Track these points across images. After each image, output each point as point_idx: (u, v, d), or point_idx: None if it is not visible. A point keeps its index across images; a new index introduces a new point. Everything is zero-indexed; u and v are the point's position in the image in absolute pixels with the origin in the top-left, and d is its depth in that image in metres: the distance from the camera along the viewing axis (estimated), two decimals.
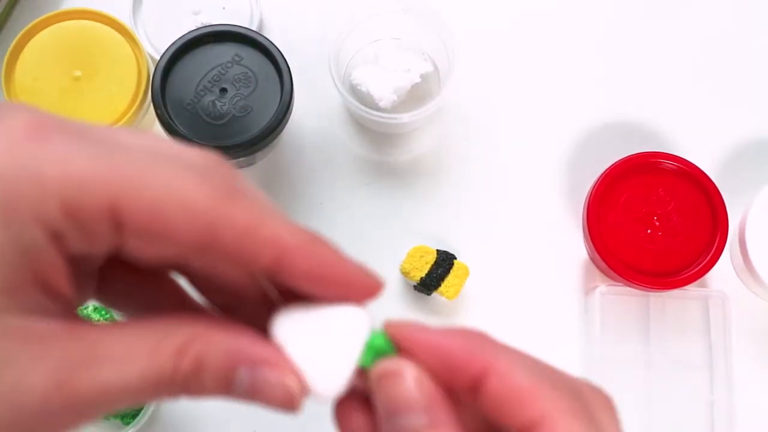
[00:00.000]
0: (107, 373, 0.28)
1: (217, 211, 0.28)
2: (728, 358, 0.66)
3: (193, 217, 0.28)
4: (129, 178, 0.27)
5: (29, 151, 0.27)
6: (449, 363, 0.31)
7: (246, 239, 0.28)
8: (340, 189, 0.70)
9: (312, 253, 0.30)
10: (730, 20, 0.75)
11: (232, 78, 0.64)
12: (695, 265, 0.64)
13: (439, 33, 0.68)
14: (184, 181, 0.28)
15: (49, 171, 0.27)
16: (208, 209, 0.28)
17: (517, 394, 0.30)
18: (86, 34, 0.65)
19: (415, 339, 0.31)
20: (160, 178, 0.28)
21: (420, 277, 0.65)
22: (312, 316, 0.31)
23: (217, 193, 0.28)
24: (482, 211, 0.70)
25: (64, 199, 0.27)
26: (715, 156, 0.72)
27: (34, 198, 0.27)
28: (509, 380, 0.30)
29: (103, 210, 0.27)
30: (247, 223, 0.28)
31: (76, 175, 0.27)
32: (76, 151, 0.27)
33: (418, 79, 0.70)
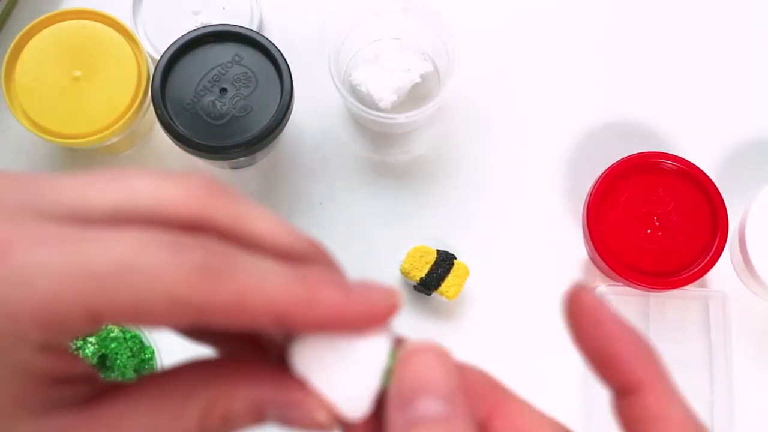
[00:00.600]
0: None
1: (199, 298, 0.26)
2: (728, 358, 0.66)
3: (176, 308, 0.26)
4: (99, 283, 0.26)
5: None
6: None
7: (237, 313, 0.27)
8: (340, 189, 0.70)
9: (312, 306, 0.28)
10: (730, 20, 0.75)
11: (232, 78, 0.64)
12: (695, 265, 0.64)
13: (439, 33, 0.68)
14: (159, 270, 0.26)
15: (16, 297, 0.25)
16: (189, 297, 0.26)
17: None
18: (86, 34, 0.65)
19: None
20: (132, 274, 0.26)
21: (420, 277, 0.65)
22: (329, 343, 0.31)
23: (194, 276, 0.26)
24: (482, 211, 0.70)
25: (38, 322, 0.26)
26: (715, 156, 0.72)
27: (8, 327, 0.26)
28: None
29: (81, 318, 0.26)
30: (233, 299, 0.27)
31: (42, 295, 0.25)
32: (38, 264, 0.26)
33: (418, 79, 0.69)
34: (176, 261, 0.26)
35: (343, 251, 0.69)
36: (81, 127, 0.63)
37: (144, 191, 0.28)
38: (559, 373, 0.67)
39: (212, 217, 0.29)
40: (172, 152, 0.68)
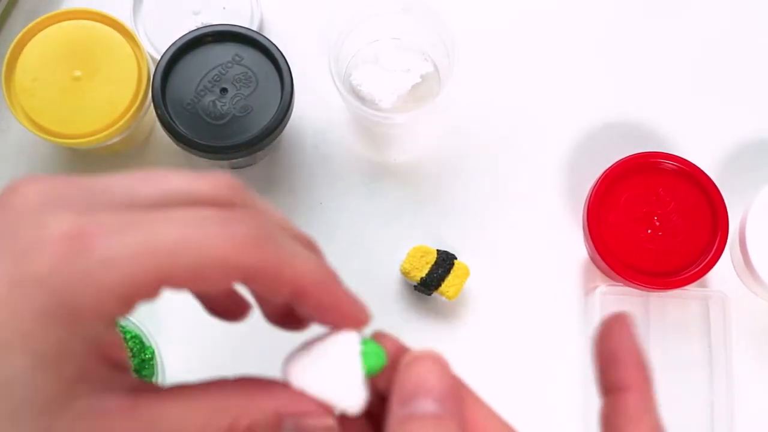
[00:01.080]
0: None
1: (246, 262, 0.32)
2: (728, 358, 0.66)
3: (227, 271, 0.32)
4: (169, 256, 0.31)
5: (80, 261, 0.31)
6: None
7: (273, 279, 0.33)
8: (340, 189, 0.70)
9: (322, 289, 0.34)
10: (730, 20, 0.75)
11: (233, 78, 0.64)
12: (695, 265, 0.64)
13: (439, 33, 0.68)
14: (214, 241, 0.32)
15: (101, 278, 0.30)
16: (238, 262, 0.32)
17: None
18: (86, 34, 0.65)
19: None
20: (194, 246, 0.31)
21: (420, 277, 0.65)
22: (314, 354, 0.36)
23: (243, 245, 0.32)
24: (482, 211, 0.70)
25: (118, 296, 0.31)
26: (715, 156, 0.72)
27: (92, 303, 0.31)
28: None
29: (153, 289, 0.31)
30: (272, 267, 0.33)
31: (124, 273, 0.31)
32: (117, 248, 0.31)
33: (418, 79, 0.70)
34: (227, 233, 0.32)
35: (343, 251, 0.69)
36: (81, 127, 0.63)
37: (179, 183, 0.33)
38: (559, 373, 0.67)
39: (235, 204, 0.33)
40: (172, 152, 0.68)
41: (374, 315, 0.43)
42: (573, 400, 0.67)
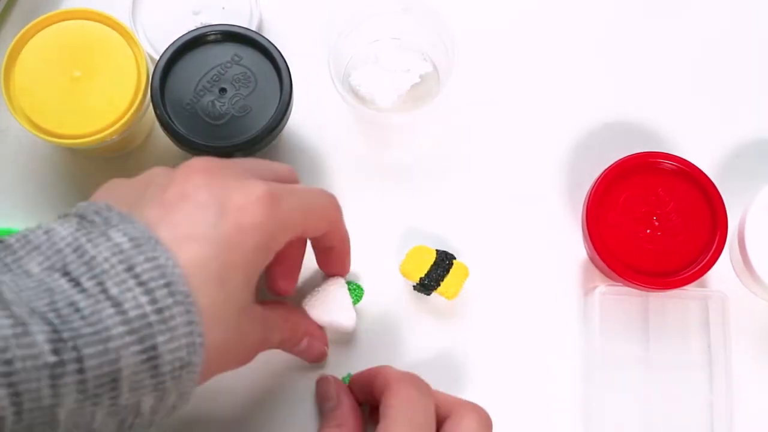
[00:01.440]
0: (273, 335, 0.57)
1: (336, 217, 0.58)
2: (728, 358, 0.66)
3: (329, 225, 0.58)
4: (311, 213, 0.55)
5: (277, 213, 0.50)
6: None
7: (335, 231, 0.59)
8: (340, 189, 0.70)
9: (345, 243, 0.62)
10: (730, 20, 0.75)
11: (232, 78, 0.64)
12: (695, 265, 0.64)
13: (439, 33, 0.68)
14: (327, 206, 0.57)
15: (290, 223, 0.52)
16: (334, 218, 0.58)
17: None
18: (86, 34, 0.65)
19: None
20: (320, 209, 0.56)
21: (419, 277, 0.65)
22: (319, 295, 0.64)
23: (337, 208, 0.58)
24: (482, 211, 0.70)
25: (288, 238, 0.52)
26: (715, 156, 0.72)
27: (280, 241, 0.51)
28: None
29: (299, 233, 0.53)
30: (339, 224, 0.60)
31: (294, 224, 0.52)
32: (290, 208, 0.51)
33: (418, 80, 0.70)
34: (330, 200, 0.58)
35: None
36: (80, 127, 0.63)
37: (280, 167, 0.58)
38: (559, 373, 0.67)
39: (297, 182, 0.59)
40: (171, 152, 0.68)
41: (374, 315, 0.67)
42: (573, 400, 0.67)
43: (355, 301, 0.65)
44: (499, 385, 0.67)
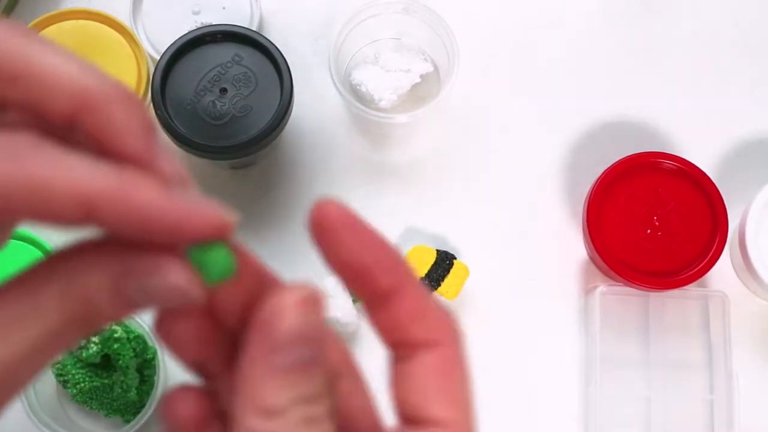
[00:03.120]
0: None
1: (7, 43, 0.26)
2: (728, 358, 0.66)
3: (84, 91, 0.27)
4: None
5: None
6: (365, 275, 0.30)
7: (40, 199, 0.25)
8: (340, 189, 0.70)
9: (123, 198, 0.26)
10: (730, 20, 0.75)
11: (232, 78, 0.64)
12: (695, 265, 0.64)
13: (439, 33, 0.68)
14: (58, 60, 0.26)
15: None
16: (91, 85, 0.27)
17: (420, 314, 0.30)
18: (86, 34, 0.65)
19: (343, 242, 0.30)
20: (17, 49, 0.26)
21: (420, 277, 0.65)
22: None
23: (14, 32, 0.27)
24: (482, 211, 0.70)
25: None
26: (715, 156, 0.72)
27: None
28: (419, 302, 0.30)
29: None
30: (33, 183, 0.25)
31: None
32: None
33: (418, 79, 0.70)
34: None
35: None
36: None
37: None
38: (559, 373, 0.67)
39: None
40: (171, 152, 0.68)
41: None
42: (573, 400, 0.67)
43: (355, 299, 0.65)
44: (499, 384, 0.67)
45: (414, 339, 0.30)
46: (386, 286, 0.30)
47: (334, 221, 0.30)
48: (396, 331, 0.30)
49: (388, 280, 0.30)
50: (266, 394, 0.28)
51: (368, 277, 0.30)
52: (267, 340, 0.28)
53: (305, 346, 0.28)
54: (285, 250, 0.69)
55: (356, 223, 0.30)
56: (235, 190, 0.70)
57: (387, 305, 0.30)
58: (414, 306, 0.30)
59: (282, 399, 0.28)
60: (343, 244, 0.30)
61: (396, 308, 0.30)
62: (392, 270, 0.30)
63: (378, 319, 0.30)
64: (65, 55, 0.27)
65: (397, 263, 0.30)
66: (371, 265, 0.30)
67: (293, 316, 0.29)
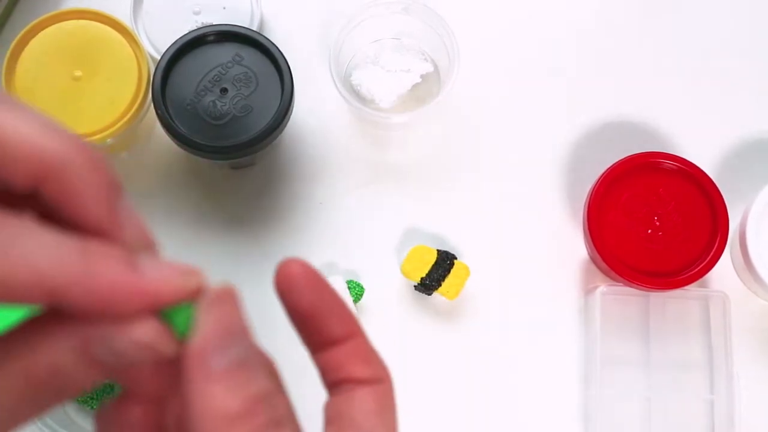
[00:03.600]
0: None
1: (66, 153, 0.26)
2: (728, 358, 0.66)
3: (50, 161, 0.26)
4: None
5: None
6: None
7: (3, 291, 0.25)
8: (340, 189, 0.70)
9: (88, 280, 0.26)
10: (731, 20, 0.75)
11: (233, 78, 0.64)
12: (695, 265, 0.64)
13: (439, 33, 0.68)
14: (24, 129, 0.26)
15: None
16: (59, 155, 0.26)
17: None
18: (86, 34, 0.65)
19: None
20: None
21: (420, 277, 0.65)
22: None
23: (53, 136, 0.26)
24: (482, 211, 0.70)
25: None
26: (715, 156, 0.72)
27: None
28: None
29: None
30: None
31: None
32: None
33: (418, 79, 0.70)
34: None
35: (342, 251, 0.69)
36: (81, 127, 0.63)
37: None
38: (558, 373, 0.67)
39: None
40: (172, 152, 0.68)
41: (375, 314, 0.42)
42: (573, 400, 0.67)
43: (356, 299, 0.65)
44: (499, 384, 0.67)
45: (361, 377, 0.33)
46: (339, 333, 0.33)
47: (297, 276, 0.33)
48: (343, 369, 0.33)
49: (342, 327, 0.33)
50: (217, 399, 0.28)
51: (324, 323, 0.32)
52: (199, 352, 0.28)
53: (232, 340, 0.29)
54: (285, 250, 0.69)
55: (318, 278, 0.33)
56: (235, 190, 0.70)
57: (335, 349, 0.33)
58: (362, 349, 0.33)
59: (236, 400, 0.28)
60: (305, 295, 0.32)
61: (344, 351, 0.33)
62: (345, 319, 0.33)
63: (325, 361, 0.33)
64: (25, 117, 0.26)
65: (350, 314, 0.33)
66: (328, 313, 0.33)
67: (211, 310, 0.29)
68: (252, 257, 0.69)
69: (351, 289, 0.65)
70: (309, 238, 0.69)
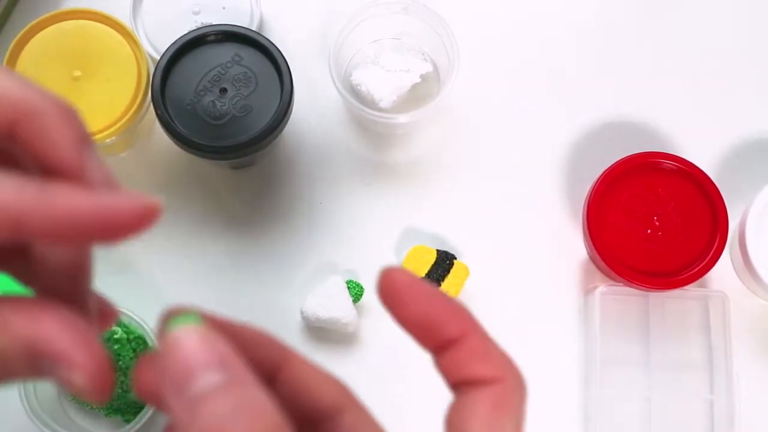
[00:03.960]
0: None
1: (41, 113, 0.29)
2: (728, 358, 0.66)
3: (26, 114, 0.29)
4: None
5: None
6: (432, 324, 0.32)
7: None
8: (340, 189, 0.70)
9: (47, 207, 0.27)
10: (731, 20, 0.75)
11: (232, 78, 0.64)
12: (695, 265, 0.64)
13: (439, 33, 0.68)
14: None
15: None
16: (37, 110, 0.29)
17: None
18: (86, 34, 0.65)
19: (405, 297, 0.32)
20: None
21: (420, 277, 0.65)
22: (321, 293, 0.62)
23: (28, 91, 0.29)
24: (482, 211, 0.70)
25: None
26: (715, 156, 0.72)
27: None
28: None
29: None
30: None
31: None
32: None
33: (418, 79, 0.70)
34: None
35: (342, 251, 0.69)
36: None
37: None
38: (559, 373, 0.67)
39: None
40: (172, 152, 0.68)
41: (375, 314, 0.41)
42: (573, 400, 0.67)
43: (355, 299, 0.65)
44: None
45: (478, 376, 0.31)
46: (454, 332, 0.31)
47: (401, 285, 0.31)
48: (461, 370, 0.31)
49: (455, 327, 0.31)
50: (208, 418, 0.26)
51: (436, 327, 0.31)
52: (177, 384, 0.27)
53: (213, 368, 0.27)
54: (285, 250, 0.69)
55: (418, 283, 0.31)
56: (235, 190, 0.70)
57: (453, 349, 0.31)
58: (479, 346, 0.31)
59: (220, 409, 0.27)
60: (411, 302, 0.31)
61: (462, 350, 0.31)
62: (458, 317, 0.31)
63: (445, 363, 0.32)
64: (9, 74, 0.29)
65: (461, 311, 0.31)
66: (439, 315, 0.31)
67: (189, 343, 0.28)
68: (252, 257, 0.69)
69: (351, 289, 0.65)
70: (309, 238, 0.69)
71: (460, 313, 0.31)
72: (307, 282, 0.67)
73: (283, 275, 0.68)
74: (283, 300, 0.67)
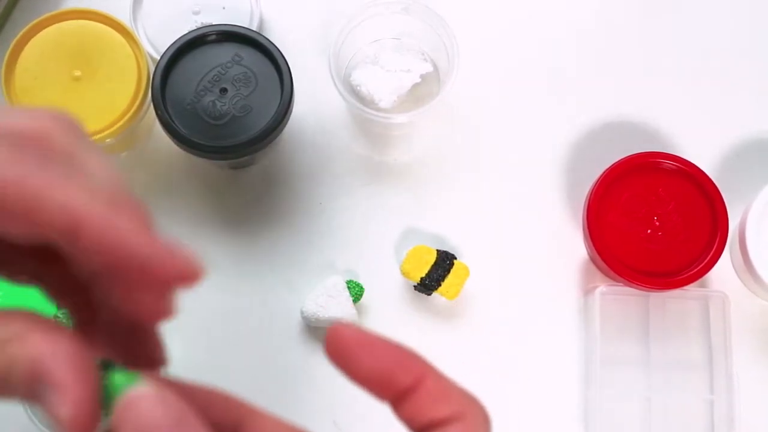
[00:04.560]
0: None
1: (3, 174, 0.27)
2: (728, 358, 0.66)
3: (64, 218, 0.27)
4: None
5: None
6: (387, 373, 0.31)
7: (30, 212, 0.27)
8: (340, 189, 0.70)
9: (108, 226, 0.27)
10: (731, 20, 0.75)
11: (232, 78, 0.64)
12: (695, 265, 0.64)
13: (439, 33, 0.68)
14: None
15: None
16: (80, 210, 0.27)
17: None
18: (86, 34, 0.65)
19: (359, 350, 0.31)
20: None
21: (420, 277, 0.65)
22: (321, 293, 0.62)
23: (10, 156, 0.27)
24: (482, 211, 0.70)
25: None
26: (715, 156, 0.72)
27: None
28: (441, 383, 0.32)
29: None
30: (37, 185, 0.27)
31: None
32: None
33: (418, 80, 0.70)
34: (6, 148, 0.27)
35: (342, 251, 0.69)
36: None
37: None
38: (558, 373, 0.67)
39: (49, 135, 0.29)
40: (172, 152, 0.68)
41: (374, 314, 0.40)
42: (573, 400, 0.67)
43: (355, 299, 0.65)
44: (499, 384, 0.66)
45: (440, 417, 0.31)
46: (409, 381, 0.31)
47: (348, 342, 0.31)
48: (422, 415, 0.31)
49: (410, 375, 0.31)
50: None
51: (391, 379, 0.31)
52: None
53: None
54: (285, 250, 0.69)
55: (366, 336, 0.31)
56: (235, 190, 0.70)
57: (411, 397, 0.31)
58: (436, 387, 0.31)
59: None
60: (361, 358, 0.31)
61: (419, 395, 0.31)
62: (410, 364, 0.31)
63: (405, 412, 0.31)
64: (63, 174, 0.28)
65: (412, 357, 0.31)
66: (391, 367, 0.31)
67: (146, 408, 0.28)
68: (252, 257, 0.69)
69: (351, 289, 0.65)
70: (309, 238, 0.69)
71: (411, 360, 0.31)
72: (307, 282, 0.67)
73: (283, 275, 0.68)
74: (283, 300, 0.67)
